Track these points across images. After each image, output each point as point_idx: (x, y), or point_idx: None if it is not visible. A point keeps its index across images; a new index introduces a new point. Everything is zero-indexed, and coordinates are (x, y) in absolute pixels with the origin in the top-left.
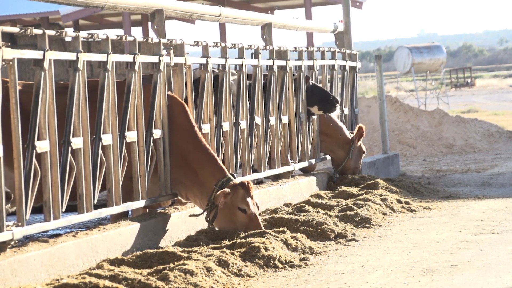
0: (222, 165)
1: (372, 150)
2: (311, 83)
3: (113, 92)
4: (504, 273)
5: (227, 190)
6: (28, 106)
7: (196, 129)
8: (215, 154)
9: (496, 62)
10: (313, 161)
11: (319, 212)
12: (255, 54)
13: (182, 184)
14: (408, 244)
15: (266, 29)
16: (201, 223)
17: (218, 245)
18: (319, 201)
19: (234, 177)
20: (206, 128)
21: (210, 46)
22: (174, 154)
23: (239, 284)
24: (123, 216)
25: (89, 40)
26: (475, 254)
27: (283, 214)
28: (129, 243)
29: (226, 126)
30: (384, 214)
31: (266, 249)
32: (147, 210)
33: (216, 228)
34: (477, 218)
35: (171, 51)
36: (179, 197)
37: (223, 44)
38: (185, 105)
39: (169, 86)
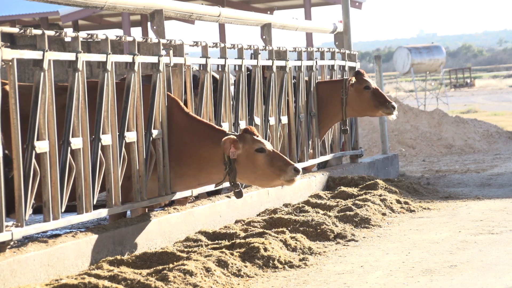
0: (220, 128)
1: (371, 150)
2: None
3: (112, 92)
4: (503, 273)
5: (233, 137)
6: (26, 108)
7: (191, 114)
8: (211, 124)
9: (496, 63)
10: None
11: (319, 213)
12: (255, 55)
13: (191, 176)
14: (408, 245)
15: (266, 29)
16: (201, 223)
17: (217, 245)
18: (319, 201)
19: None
20: None
21: (209, 47)
22: (173, 151)
23: (238, 284)
24: (122, 216)
25: (89, 40)
26: (474, 254)
27: (282, 214)
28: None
29: (225, 126)
30: (384, 214)
31: (265, 249)
32: (147, 210)
33: (242, 189)
34: (477, 218)
35: (171, 51)
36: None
37: (222, 45)
38: (178, 99)
39: (168, 87)
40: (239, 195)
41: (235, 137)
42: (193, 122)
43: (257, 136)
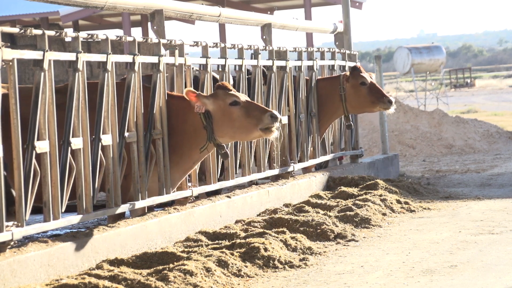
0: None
1: (371, 150)
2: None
3: (112, 92)
4: (503, 274)
5: (189, 89)
6: (24, 111)
7: (170, 93)
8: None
9: (496, 63)
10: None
11: (319, 213)
12: (255, 55)
13: (186, 157)
14: (408, 245)
15: (266, 29)
16: (201, 223)
17: (217, 246)
18: (319, 201)
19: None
20: None
21: (209, 47)
22: (169, 141)
23: (238, 284)
24: (121, 216)
25: (89, 40)
26: (474, 254)
27: (282, 214)
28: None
29: None
30: (384, 214)
31: (265, 249)
32: (146, 210)
33: (223, 148)
34: (477, 218)
35: (176, 51)
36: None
37: (222, 45)
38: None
39: (171, 87)
40: (225, 156)
41: (193, 90)
42: (175, 100)
43: (230, 90)
